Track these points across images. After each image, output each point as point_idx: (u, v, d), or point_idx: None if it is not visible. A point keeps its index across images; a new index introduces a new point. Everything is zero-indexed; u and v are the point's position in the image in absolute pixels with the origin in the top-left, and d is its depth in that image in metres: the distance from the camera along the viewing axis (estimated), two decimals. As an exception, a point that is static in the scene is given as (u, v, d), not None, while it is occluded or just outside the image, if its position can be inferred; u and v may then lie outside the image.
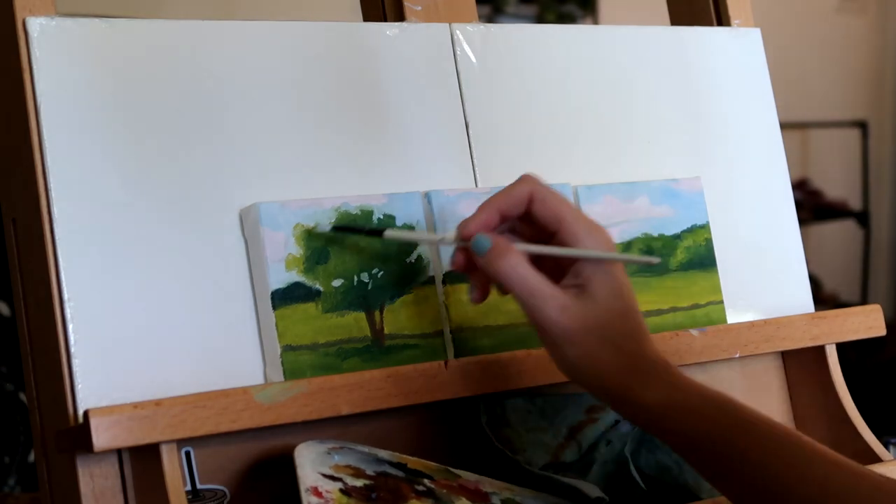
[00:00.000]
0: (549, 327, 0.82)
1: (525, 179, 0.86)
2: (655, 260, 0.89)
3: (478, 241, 0.84)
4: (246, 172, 0.90)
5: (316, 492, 0.79)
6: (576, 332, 0.82)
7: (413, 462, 0.86)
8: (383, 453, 0.86)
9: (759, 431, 0.79)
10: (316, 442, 0.84)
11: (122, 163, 0.86)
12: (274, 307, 0.88)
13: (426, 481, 0.85)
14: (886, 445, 1.11)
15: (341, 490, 0.80)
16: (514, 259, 0.83)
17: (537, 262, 0.84)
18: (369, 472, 0.83)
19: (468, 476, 0.87)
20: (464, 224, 0.86)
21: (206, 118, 0.89)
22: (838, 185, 4.52)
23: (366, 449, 0.86)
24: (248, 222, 0.89)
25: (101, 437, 0.78)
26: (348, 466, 0.83)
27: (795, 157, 4.32)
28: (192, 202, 0.88)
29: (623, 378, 0.82)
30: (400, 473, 0.84)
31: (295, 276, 0.89)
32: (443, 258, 0.94)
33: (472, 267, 0.86)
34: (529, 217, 0.86)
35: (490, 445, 0.93)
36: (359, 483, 0.82)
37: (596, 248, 0.84)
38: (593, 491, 0.88)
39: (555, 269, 0.85)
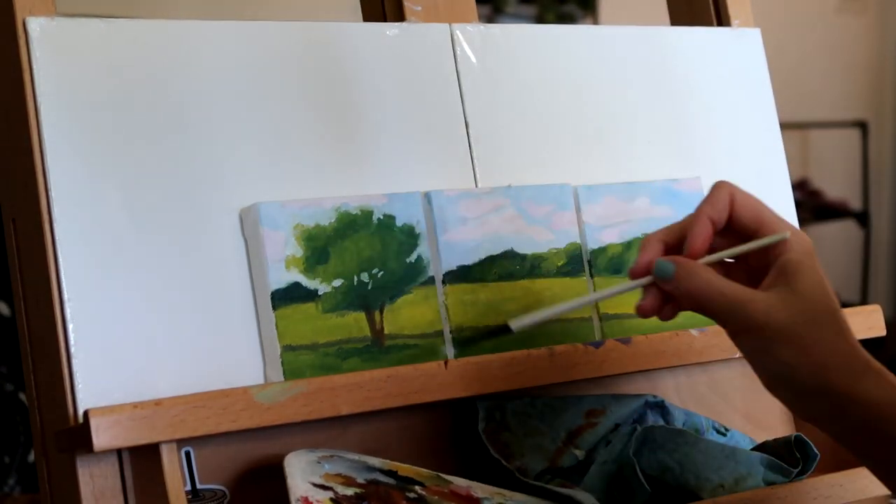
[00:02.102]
0: (759, 329, 0.78)
1: (721, 184, 0.83)
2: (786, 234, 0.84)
3: (661, 267, 0.80)
4: (246, 172, 0.90)
5: (306, 501, 0.79)
6: (789, 329, 0.77)
7: (404, 469, 0.86)
8: (374, 461, 0.86)
9: None
10: (306, 451, 0.84)
11: (122, 163, 0.86)
12: (274, 307, 0.88)
13: (417, 488, 0.84)
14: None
15: (331, 499, 0.80)
16: (706, 273, 0.79)
17: (728, 276, 0.81)
18: (360, 480, 0.83)
19: (459, 482, 0.87)
20: (647, 246, 0.82)
21: (206, 118, 0.89)
22: (838, 185, 4.52)
23: (356, 457, 0.85)
24: (248, 222, 0.89)
25: (101, 437, 0.78)
26: (339, 475, 0.83)
27: (795, 157, 4.32)
28: (192, 202, 0.88)
29: (846, 374, 0.77)
30: (391, 481, 0.84)
31: (295, 276, 0.89)
32: (443, 258, 0.94)
33: (662, 307, 0.82)
34: (729, 223, 0.83)
35: (488, 450, 0.93)
36: (349, 492, 0.82)
37: (798, 243, 0.80)
38: (588, 500, 0.88)
39: (749, 280, 0.81)
